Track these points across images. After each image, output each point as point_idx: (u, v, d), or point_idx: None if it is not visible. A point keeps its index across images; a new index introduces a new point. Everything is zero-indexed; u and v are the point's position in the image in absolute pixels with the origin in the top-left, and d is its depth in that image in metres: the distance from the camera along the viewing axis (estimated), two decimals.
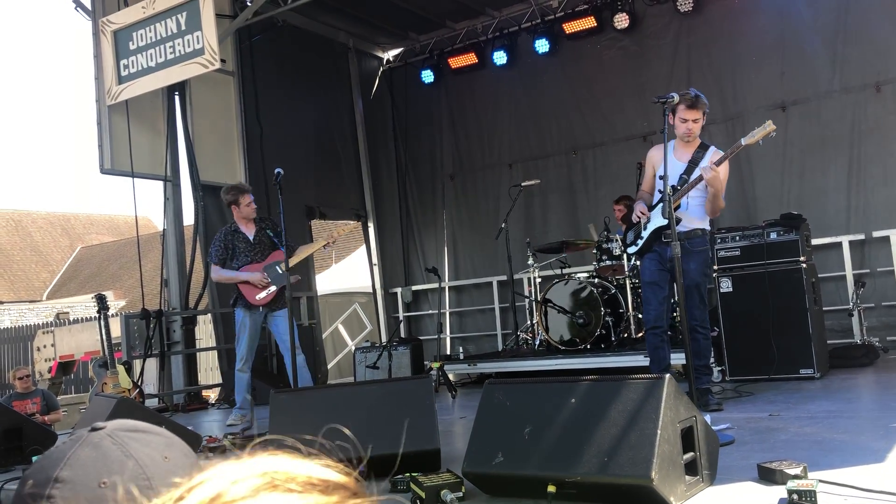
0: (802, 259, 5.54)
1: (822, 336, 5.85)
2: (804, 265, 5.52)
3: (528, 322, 7.91)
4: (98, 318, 7.14)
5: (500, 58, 9.39)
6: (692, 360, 4.28)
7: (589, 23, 8.80)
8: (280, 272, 5.69)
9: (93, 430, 0.79)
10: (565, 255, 7.73)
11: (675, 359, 5.28)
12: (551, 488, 2.66)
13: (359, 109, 10.32)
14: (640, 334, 6.61)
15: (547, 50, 9.06)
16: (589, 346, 6.62)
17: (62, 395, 11.48)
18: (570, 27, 8.90)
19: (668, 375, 2.75)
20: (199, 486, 0.60)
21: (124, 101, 7.34)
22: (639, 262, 5.23)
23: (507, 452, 2.88)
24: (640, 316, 6.66)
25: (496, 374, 7.09)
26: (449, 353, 9.39)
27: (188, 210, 8.18)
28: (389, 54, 10.70)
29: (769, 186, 7.89)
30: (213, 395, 8.71)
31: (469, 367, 7.50)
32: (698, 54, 8.36)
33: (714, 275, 5.81)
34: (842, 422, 3.90)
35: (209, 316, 9.01)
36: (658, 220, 4.73)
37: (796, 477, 2.57)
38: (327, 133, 9.81)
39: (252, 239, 5.88)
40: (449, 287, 10.00)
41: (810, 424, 3.85)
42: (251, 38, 8.57)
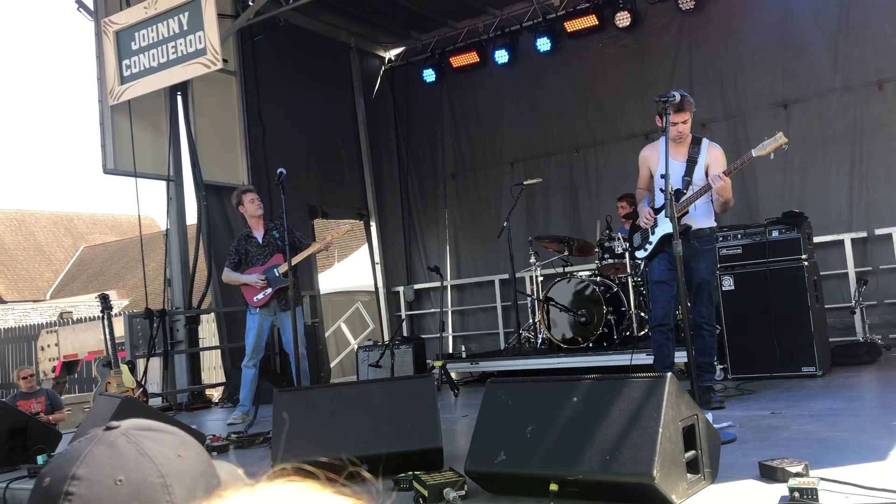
0: (804, 257, 5.54)
1: (825, 334, 5.85)
2: (806, 263, 5.53)
3: (531, 320, 7.92)
4: (101, 318, 7.15)
5: (501, 56, 9.40)
6: (696, 357, 4.30)
7: (590, 21, 8.81)
8: (277, 275, 5.98)
9: (107, 429, 0.81)
10: (572, 245, 7.55)
11: (678, 357, 5.28)
12: (553, 486, 2.68)
13: (360, 108, 10.33)
14: (643, 332, 6.61)
15: (548, 48, 9.07)
16: (591, 345, 6.62)
17: (66, 395, 11.52)
18: (572, 25, 8.90)
19: (669, 374, 2.77)
20: None
21: (127, 101, 7.36)
22: (647, 264, 5.23)
23: (509, 451, 2.89)
24: (643, 314, 6.67)
25: (498, 373, 7.10)
26: (451, 351, 9.40)
27: (191, 210, 8.21)
28: (391, 53, 10.70)
29: (771, 184, 7.88)
30: (216, 394, 8.73)
31: (471, 366, 7.52)
32: (700, 52, 8.36)
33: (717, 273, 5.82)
34: (844, 420, 3.90)
35: (212, 315, 9.02)
36: (666, 226, 4.73)
37: (798, 475, 2.59)
38: (329, 132, 9.83)
39: (261, 241, 6.16)
40: (451, 285, 10.02)
41: (812, 422, 3.86)
42: (253, 37, 8.58)
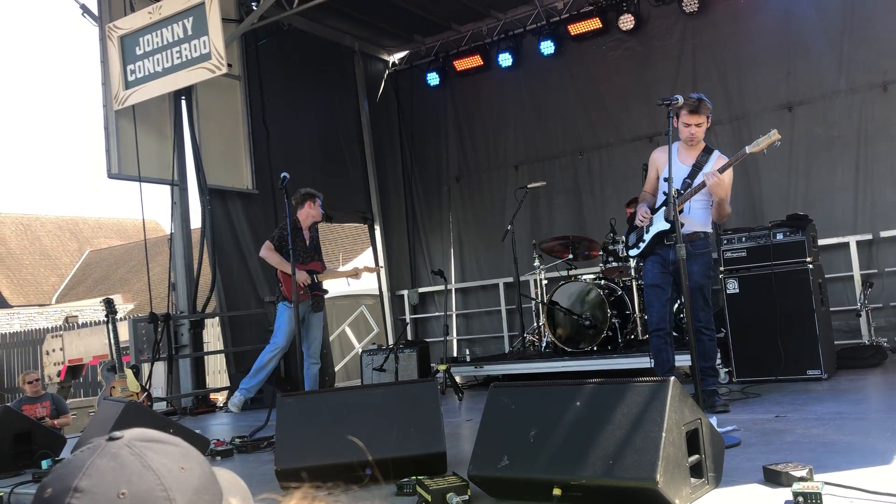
0: (809, 260, 5.53)
1: (830, 337, 5.83)
2: (811, 266, 5.51)
3: (535, 324, 7.91)
4: (106, 322, 7.18)
5: (505, 60, 9.41)
6: (698, 362, 4.28)
7: (594, 24, 8.81)
8: (317, 280, 6.38)
9: (111, 439, 0.80)
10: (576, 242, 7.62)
11: (681, 361, 5.27)
12: (557, 491, 2.67)
13: (364, 112, 10.34)
14: (647, 336, 6.59)
15: (552, 51, 9.07)
16: (595, 348, 6.61)
17: (71, 399, 11.54)
18: (576, 29, 8.90)
19: (672, 378, 2.76)
20: None
21: (131, 105, 7.38)
22: (641, 264, 5.23)
23: (512, 455, 2.88)
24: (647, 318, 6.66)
25: (503, 377, 7.09)
26: (455, 355, 9.40)
27: (195, 214, 8.22)
28: (395, 57, 10.72)
29: (775, 187, 7.87)
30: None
31: (476, 370, 7.51)
32: (704, 55, 8.35)
33: (720, 276, 5.81)
34: (849, 423, 3.88)
35: (217, 319, 9.03)
36: (660, 224, 4.73)
37: (802, 479, 2.58)
38: (333, 136, 9.84)
39: (308, 244, 6.37)
40: (455, 289, 10.02)
41: (817, 426, 3.84)
42: (257, 42, 8.61)
